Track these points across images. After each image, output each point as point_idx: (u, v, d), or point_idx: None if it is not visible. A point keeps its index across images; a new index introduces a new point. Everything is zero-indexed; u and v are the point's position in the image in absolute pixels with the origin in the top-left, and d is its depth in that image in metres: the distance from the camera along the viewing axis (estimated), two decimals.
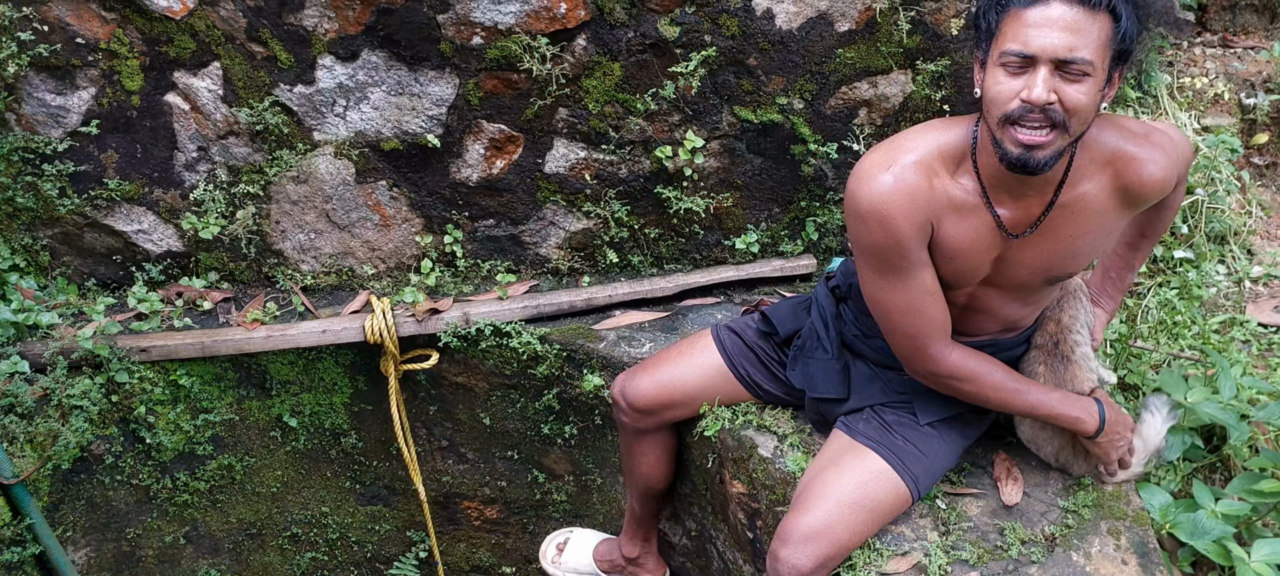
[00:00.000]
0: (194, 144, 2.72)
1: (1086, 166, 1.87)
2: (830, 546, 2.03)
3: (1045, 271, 1.99)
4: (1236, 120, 3.54)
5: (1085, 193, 1.89)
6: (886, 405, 2.22)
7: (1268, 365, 3.00)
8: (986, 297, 2.06)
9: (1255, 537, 2.47)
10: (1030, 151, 1.71)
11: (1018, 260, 1.96)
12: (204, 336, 2.82)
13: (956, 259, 1.94)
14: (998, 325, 2.15)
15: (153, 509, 3.10)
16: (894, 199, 1.83)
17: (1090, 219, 1.91)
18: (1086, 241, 1.94)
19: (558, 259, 2.98)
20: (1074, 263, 1.99)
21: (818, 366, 2.32)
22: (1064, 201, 1.89)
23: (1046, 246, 1.94)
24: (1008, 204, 1.89)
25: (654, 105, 2.68)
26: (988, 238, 1.92)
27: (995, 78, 1.71)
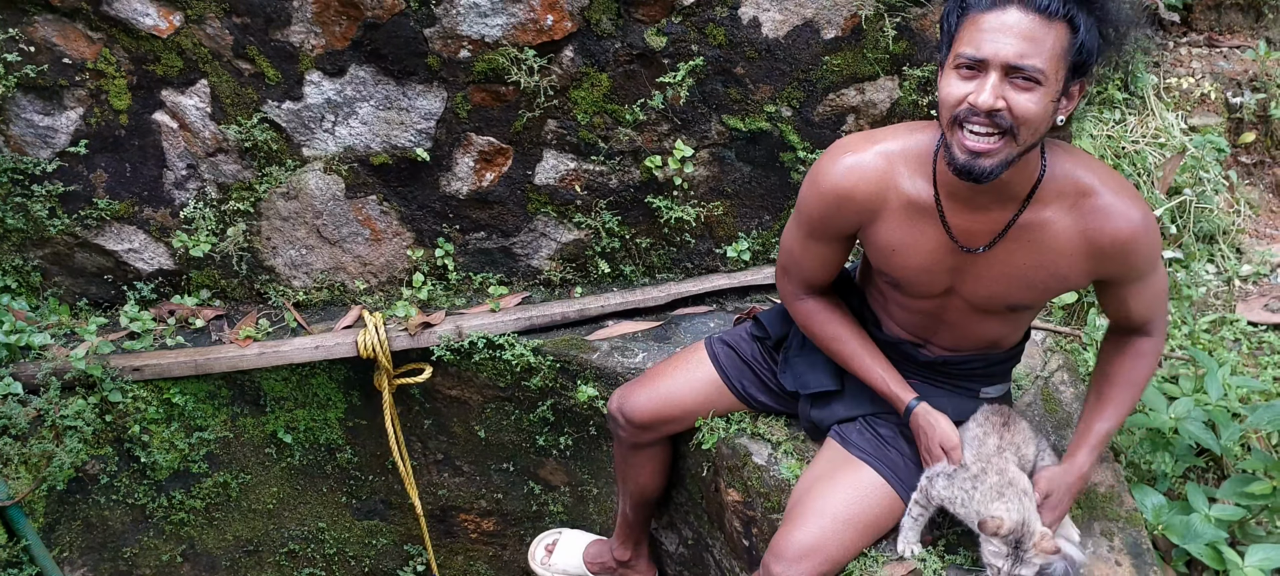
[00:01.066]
0: (183, 162, 2.72)
1: (1052, 195, 1.84)
2: (823, 563, 2.02)
3: (1003, 296, 1.97)
4: (1223, 119, 3.55)
5: (1047, 220, 1.85)
6: (877, 415, 2.21)
7: (1258, 364, 3.00)
8: (954, 312, 2.05)
9: (1249, 538, 2.47)
10: (975, 158, 1.69)
11: (976, 277, 1.95)
12: (197, 354, 2.82)
13: (898, 255, 1.96)
14: (975, 342, 2.13)
15: (149, 528, 3.09)
16: (845, 182, 1.92)
17: (1049, 253, 1.87)
18: (1043, 275, 1.90)
19: (550, 270, 2.98)
20: (1031, 293, 1.95)
21: (806, 364, 2.32)
22: (1024, 223, 1.86)
23: (1003, 269, 1.92)
24: (962, 215, 1.88)
25: (643, 115, 2.69)
26: (938, 246, 1.92)
27: (948, 80, 1.70)
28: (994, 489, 1.92)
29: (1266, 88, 3.58)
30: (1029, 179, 1.82)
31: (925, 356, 2.18)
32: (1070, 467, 2.00)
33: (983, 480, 1.94)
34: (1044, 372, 2.64)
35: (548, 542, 3.00)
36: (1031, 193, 1.83)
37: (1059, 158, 1.84)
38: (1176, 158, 3.31)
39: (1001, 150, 1.69)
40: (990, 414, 2.10)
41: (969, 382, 2.21)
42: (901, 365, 2.20)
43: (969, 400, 2.20)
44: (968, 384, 2.21)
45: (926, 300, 2.05)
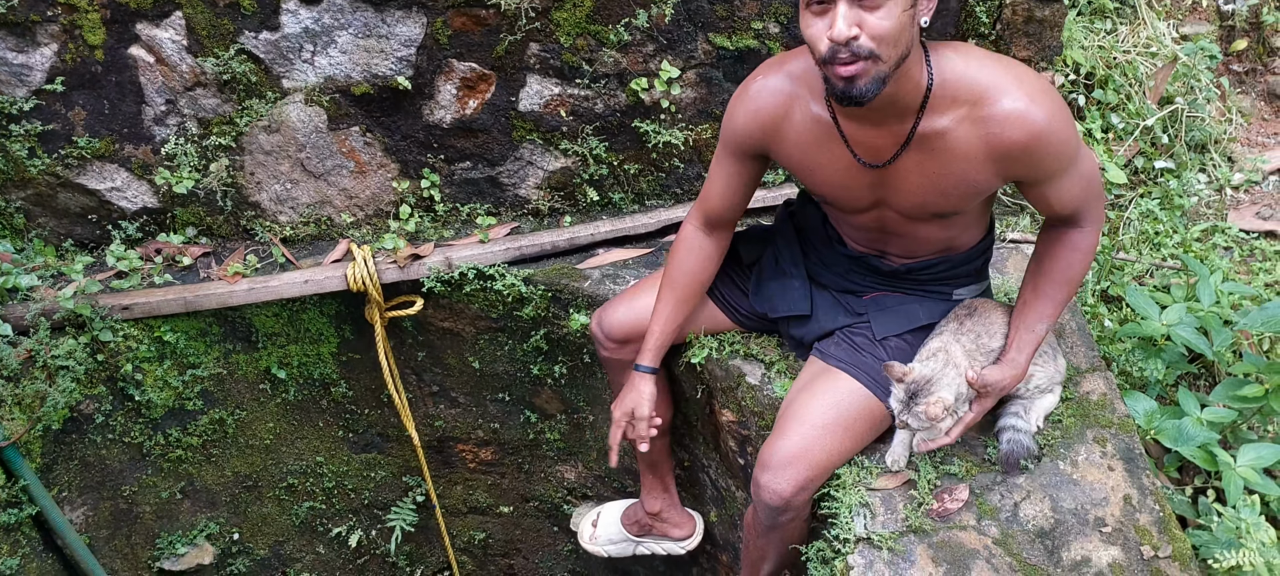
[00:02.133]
0: (162, 97, 2.68)
1: (946, 102, 1.83)
2: (809, 468, 2.06)
3: (924, 205, 1.99)
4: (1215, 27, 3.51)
5: (944, 128, 1.84)
6: (852, 328, 2.23)
7: (1249, 270, 3.01)
8: (891, 221, 2.09)
9: (1241, 441, 2.49)
10: (850, 84, 1.71)
11: (894, 188, 1.98)
12: (186, 292, 2.81)
13: (814, 173, 2.03)
14: (929, 247, 2.16)
15: (147, 465, 3.11)
16: (753, 102, 2.01)
17: (954, 160, 1.87)
18: (952, 182, 1.91)
19: (537, 199, 2.96)
20: (946, 200, 1.96)
21: (778, 287, 2.35)
22: (923, 133, 1.86)
23: (916, 180, 1.93)
24: (862, 131, 1.91)
25: (627, 36, 2.65)
26: (846, 164, 1.97)
27: (806, 21, 1.72)
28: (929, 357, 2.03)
29: None
30: (917, 88, 1.82)
31: (889, 266, 2.22)
32: (1005, 366, 2.03)
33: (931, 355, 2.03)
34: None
35: (592, 519, 3.03)
36: (924, 102, 1.83)
37: (949, 61, 1.83)
38: (1168, 67, 3.28)
39: (870, 70, 1.70)
40: (960, 307, 2.16)
41: (939, 286, 2.23)
42: (871, 278, 2.25)
43: (943, 303, 2.23)
44: (938, 287, 2.23)
45: (861, 214, 2.10)
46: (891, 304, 2.23)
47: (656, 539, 2.91)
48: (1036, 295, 2.05)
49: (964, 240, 2.16)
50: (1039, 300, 2.04)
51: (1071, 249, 2.02)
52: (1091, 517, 2.02)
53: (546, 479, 3.49)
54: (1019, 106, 1.78)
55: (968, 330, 2.08)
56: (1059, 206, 1.96)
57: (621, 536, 2.94)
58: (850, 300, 2.28)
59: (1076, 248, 2.02)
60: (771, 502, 2.07)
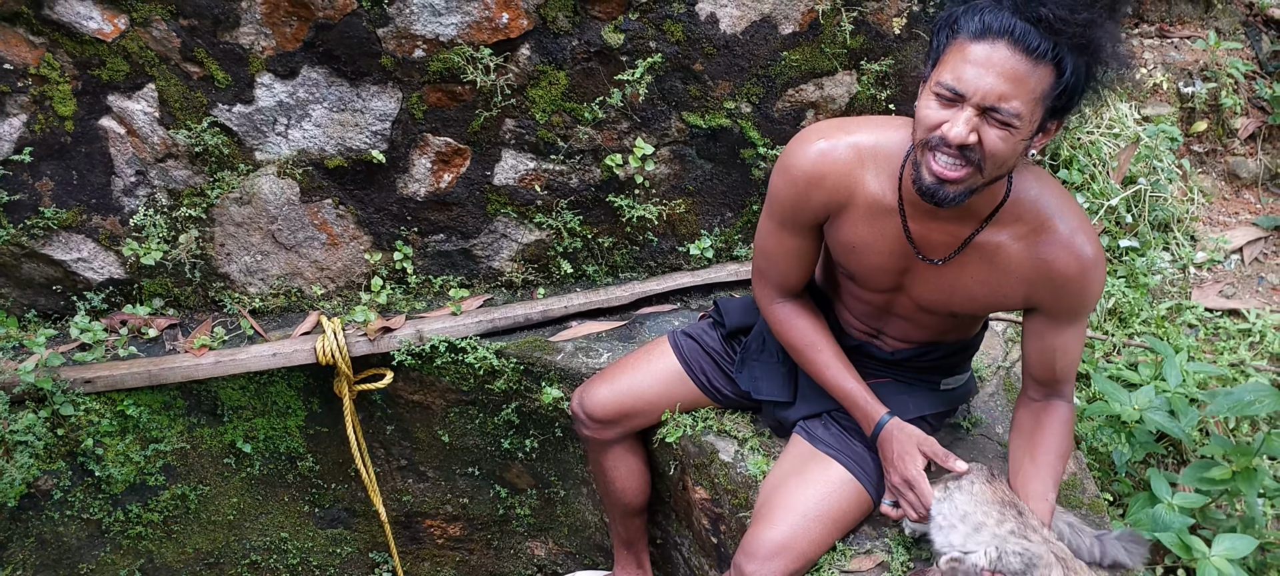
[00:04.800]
0: (132, 168, 2.66)
1: (1011, 218, 1.85)
2: (795, 560, 2.03)
3: (946, 304, 1.99)
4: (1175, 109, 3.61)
5: (1002, 243, 1.86)
6: (840, 412, 2.22)
7: (1214, 349, 3.05)
8: (901, 307, 2.08)
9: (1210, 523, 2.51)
10: (941, 184, 1.69)
11: (925, 281, 1.97)
12: (150, 364, 2.76)
13: (857, 253, 1.97)
14: (925, 335, 2.15)
15: (106, 543, 3.03)
16: (815, 168, 1.91)
17: (998, 272, 1.89)
18: (986, 291, 1.92)
19: (511, 271, 2.95)
20: (971, 306, 1.97)
21: (763, 369, 2.34)
22: (980, 242, 1.87)
23: (952, 280, 1.93)
24: (923, 223, 1.89)
25: (602, 113, 2.67)
26: (895, 247, 1.93)
27: (926, 102, 1.69)
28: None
29: (1217, 77, 3.64)
30: (992, 201, 1.83)
31: (883, 353, 2.21)
32: None
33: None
34: (1006, 363, 2.66)
35: None
36: (993, 213, 1.84)
37: (1026, 181, 1.84)
38: (1131, 148, 3.36)
39: (967, 180, 1.69)
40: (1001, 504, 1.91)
41: (929, 376, 2.22)
42: (864, 364, 2.22)
43: (930, 392, 2.22)
44: (928, 377, 2.23)
45: (877, 294, 2.08)
46: (884, 394, 2.18)
47: None
48: (1037, 470, 1.96)
49: (960, 334, 2.18)
50: (1041, 474, 1.95)
51: (1063, 425, 2.00)
52: None
53: (516, 555, 3.44)
54: (1077, 240, 1.82)
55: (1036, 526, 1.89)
56: (1061, 361, 1.96)
57: None
58: None
59: (1067, 422, 2.00)
60: None
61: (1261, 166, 3.62)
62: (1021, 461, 1.99)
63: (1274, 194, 3.60)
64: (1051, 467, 1.96)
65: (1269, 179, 3.62)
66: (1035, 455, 1.97)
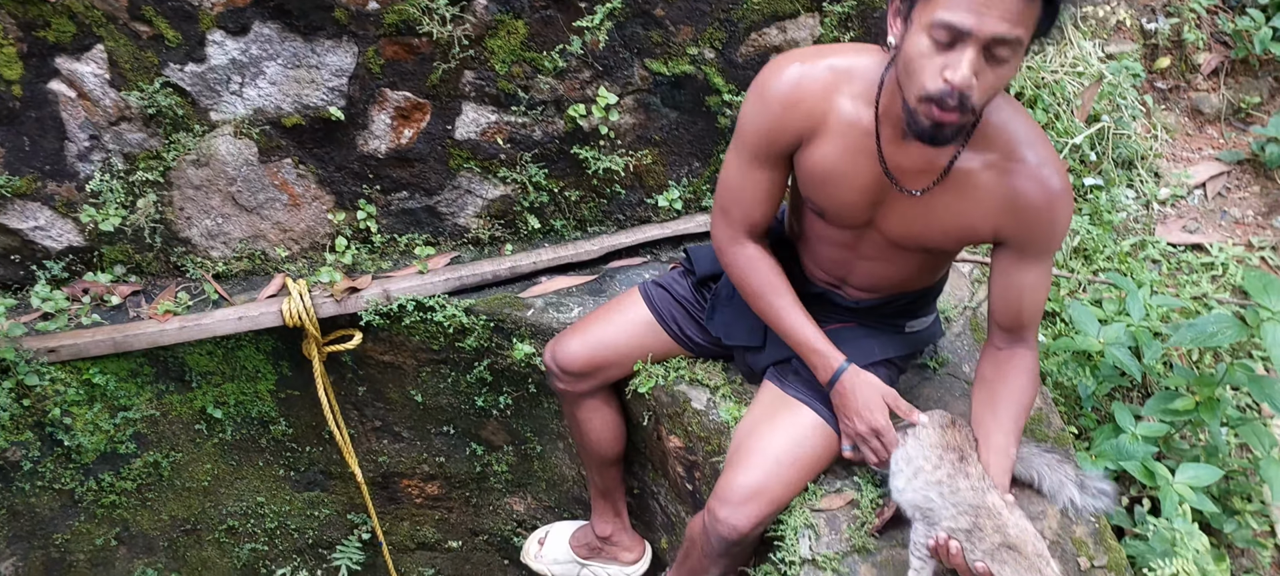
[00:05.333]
0: (85, 133, 2.61)
1: (984, 142, 1.82)
2: (768, 504, 2.06)
3: (918, 237, 1.96)
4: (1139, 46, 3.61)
5: (974, 171, 1.84)
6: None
7: (1177, 283, 3.08)
8: (870, 246, 2.05)
9: (1174, 453, 2.55)
10: (939, 128, 1.65)
11: (898, 214, 1.94)
12: (115, 332, 2.73)
13: (831, 183, 1.93)
14: (891, 281, 2.14)
15: (79, 512, 3.02)
16: (793, 91, 1.86)
17: (970, 203, 1.86)
18: (958, 223, 1.90)
19: (478, 228, 2.94)
20: (943, 239, 1.95)
21: (733, 315, 2.34)
22: (957, 170, 1.84)
23: (925, 211, 1.90)
24: (898, 149, 1.85)
25: (562, 62, 2.64)
26: (870, 178, 1.89)
27: (918, 45, 1.60)
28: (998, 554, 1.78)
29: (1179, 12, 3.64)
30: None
31: (846, 301, 2.21)
32: None
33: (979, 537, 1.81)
34: (972, 304, 2.68)
35: (540, 537, 2.99)
36: (966, 138, 1.83)
37: (997, 106, 1.81)
38: (1094, 85, 3.36)
39: (960, 121, 1.65)
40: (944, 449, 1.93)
41: (894, 319, 2.24)
42: (827, 313, 2.22)
43: (894, 335, 2.23)
44: (892, 320, 2.24)
45: (846, 232, 2.05)
46: (848, 337, 2.19)
47: (605, 563, 2.89)
48: (998, 422, 1.95)
49: (926, 279, 2.17)
50: (1002, 427, 1.95)
51: (1026, 374, 1.98)
52: None
53: (495, 512, 3.45)
54: (1045, 170, 1.80)
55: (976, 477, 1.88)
56: (1027, 303, 1.94)
57: (568, 558, 2.91)
58: None
59: (1031, 371, 1.99)
60: (728, 536, 2.06)
61: (1224, 101, 3.64)
62: (983, 414, 1.98)
63: (1236, 128, 3.62)
64: (1014, 419, 1.95)
65: (1231, 114, 3.64)
66: (996, 407, 1.96)
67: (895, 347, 2.23)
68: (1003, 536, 1.78)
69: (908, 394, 2.37)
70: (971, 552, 1.80)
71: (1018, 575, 1.74)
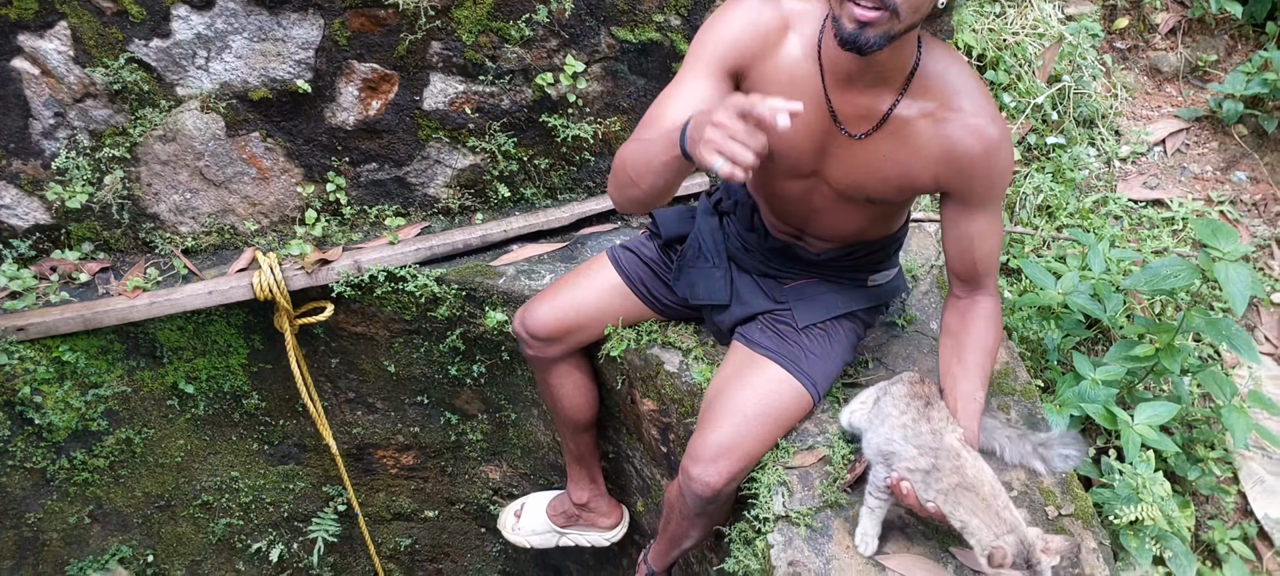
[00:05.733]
0: (49, 110, 2.59)
1: (923, 90, 1.87)
2: (740, 460, 2.09)
3: (861, 186, 2.00)
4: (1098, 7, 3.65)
5: (911, 117, 1.88)
6: (775, 315, 2.27)
7: (1138, 237, 3.14)
8: (819, 198, 2.08)
9: (1136, 400, 2.61)
10: (862, 28, 1.68)
11: (841, 162, 1.97)
12: (84, 309, 2.72)
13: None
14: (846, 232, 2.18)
15: (52, 491, 3.01)
16: (746, 16, 1.90)
17: (909, 151, 1.91)
18: (898, 171, 1.93)
19: (448, 198, 2.94)
20: (885, 188, 1.98)
21: (699, 274, 2.37)
22: (898, 116, 1.88)
23: (867, 158, 1.94)
24: (841, 91, 1.89)
25: (529, 31, 2.64)
26: (814, 121, 1.93)
27: None
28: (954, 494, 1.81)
29: None
30: (904, 66, 1.85)
31: (809, 254, 2.25)
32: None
33: (937, 477, 1.85)
34: (938, 262, 2.71)
35: (515, 509, 3.01)
36: (907, 82, 1.86)
37: (935, 53, 1.87)
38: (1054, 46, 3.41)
39: (884, 23, 1.68)
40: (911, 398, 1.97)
41: (855, 272, 2.28)
42: (793, 266, 2.28)
43: (858, 289, 2.28)
44: (854, 274, 2.28)
45: (796, 181, 2.08)
46: (811, 292, 2.26)
47: (582, 530, 2.92)
48: (965, 370, 2.00)
49: (881, 229, 2.20)
50: (968, 373, 1.99)
51: (988, 320, 2.03)
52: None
53: (471, 480, 3.48)
54: (980, 120, 1.84)
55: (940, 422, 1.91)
56: (980, 253, 1.98)
57: (546, 527, 2.94)
58: (771, 286, 2.31)
59: (992, 317, 2.03)
60: (702, 493, 2.09)
61: (1182, 60, 3.70)
62: (950, 364, 2.03)
63: (1194, 86, 3.68)
64: (979, 366, 1.99)
65: (1189, 72, 3.70)
66: (962, 355, 2.01)
67: (858, 300, 2.28)
68: (960, 476, 1.82)
69: (877, 351, 2.42)
70: (926, 492, 1.85)
71: (973, 513, 1.78)
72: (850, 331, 2.28)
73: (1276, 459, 2.75)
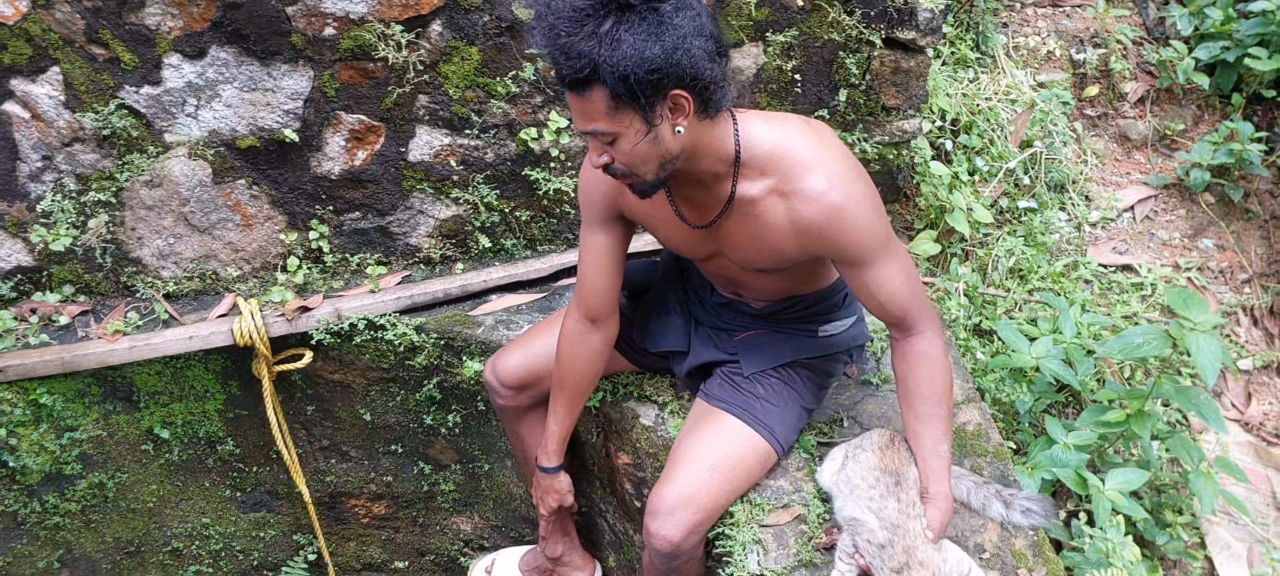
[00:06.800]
0: (37, 153, 2.60)
1: (752, 170, 1.93)
2: (697, 512, 2.10)
3: (748, 261, 2.08)
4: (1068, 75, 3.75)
5: (754, 197, 1.95)
6: (731, 368, 2.32)
7: (1108, 302, 3.20)
8: (732, 270, 2.19)
9: (1107, 465, 2.64)
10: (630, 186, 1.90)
11: (722, 243, 2.09)
12: (63, 352, 2.71)
13: (657, 230, 2.16)
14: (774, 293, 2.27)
15: (22, 534, 2.97)
16: (591, 175, 2.11)
17: (763, 227, 1.97)
18: (763, 246, 2.01)
19: (429, 247, 2.97)
20: (765, 260, 2.05)
21: (659, 325, 2.43)
22: (739, 198, 1.96)
23: (736, 239, 2.04)
24: (687, 198, 2.04)
25: (515, 88, 2.70)
26: (676, 222, 2.09)
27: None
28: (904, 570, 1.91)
29: (1107, 43, 3.79)
30: (722, 160, 1.92)
31: (750, 309, 2.32)
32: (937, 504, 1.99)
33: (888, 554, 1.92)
34: None
35: (486, 564, 2.99)
36: (736, 167, 1.93)
37: (757, 129, 1.92)
38: (1026, 112, 3.49)
39: (637, 179, 1.87)
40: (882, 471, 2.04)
41: (804, 325, 2.32)
42: (738, 320, 2.35)
43: (808, 338, 2.32)
44: (804, 326, 2.32)
45: (705, 263, 2.22)
46: (759, 342, 2.31)
47: None
48: (920, 421, 2.03)
49: (809, 285, 2.26)
50: (925, 425, 2.02)
51: (925, 362, 2.03)
52: (970, 544, 2.10)
53: (442, 531, 3.46)
54: (819, 186, 1.88)
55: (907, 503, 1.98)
56: (887, 300, 2.00)
57: None
58: (723, 338, 2.36)
59: (929, 357, 2.03)
60: (662, 548, 2.10)
61: (1150, 128, 3.79)
62: (908, 417, 2.07)
63: (1162, 154, 3.77)
64: (934, 414, 2.02)
65: (1157, 139, 3.80)
66: (914, 404, 2.04)
67: (808, 349, 2.31)
68: (908, 557, 1.90)
69: (851, 410, 2.45)
70: (881, 569, 1.92)
71: None
72: (807, 380, 2.31)
73: (1243, 525, 2.79)
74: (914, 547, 1.91)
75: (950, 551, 1.98)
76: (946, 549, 1.97)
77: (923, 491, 2.00)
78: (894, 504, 1.97)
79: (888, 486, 1.99)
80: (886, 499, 1.97)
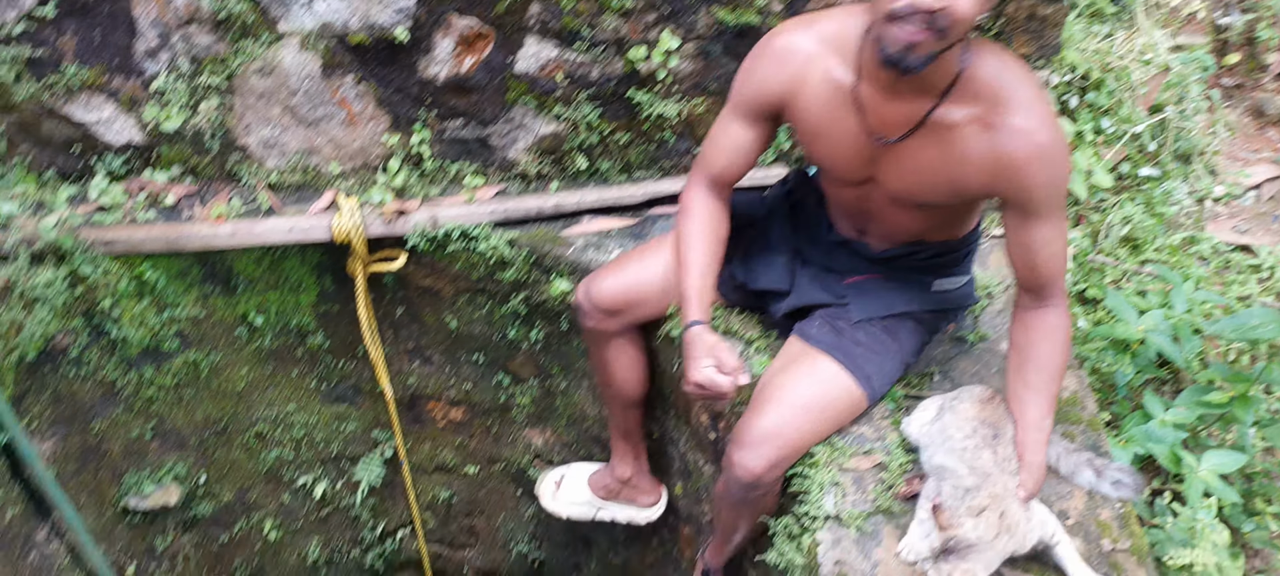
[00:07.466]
0: (155, 31, 2.64)
1: (969, 95, 1.85)
2: (782, 448, 2.08)
3: (912, 192, 2.00)
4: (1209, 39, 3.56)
5: (955, 122, 1.87)
6: (833, 311, 2.26)
7: (1223, 282, 3.06)
8: (876, 202, 2.11)
9: (1201, 447, 2.56)
10: (908, 51, 1.72)
11: (889, 168, 2.00)
12: (169, 230, 2.78)
13: (820, 140, 2.04)
14: (905, 233, 2.18)
15: (118, 403, 3.09)
16: (773, 62, 2.03)
17: (953, 157, 1.89)
18: (944, 177, 1.93)
19: (526, 163, 2.95)
20: (933, 193, 1.98)
21: (762, 261, 2.38)
22: (936, 121, 1.88)
23: (912, 164, 1.95)
24: (880, 105, 1.92)
25: (630, 2, 2.64)
26: (853, 133, 1.98)
27: None
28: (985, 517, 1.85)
29: (1256, 8, 3.58)
30: (947, 75, 1.84)
31: (870, 251, 2.25)
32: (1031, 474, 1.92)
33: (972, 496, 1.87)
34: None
35: (556, 477, 3.03)
36: (949, 88, 1.85)
37: (985, 58, 1.85)
38: (1160, 76, 3.33)
39: (931, 45, 1.71)
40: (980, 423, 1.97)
41: (919, 275, 2.26)
42: (853, 263, 2.28)
43: (921, 291, 2.25)
44: (918, 276, 2.25)
45: (850, 188, 2.12)
46: (871, 288, 2.25)
47: (622, 504, 2.93)
48: (1030, 390, 1.97)
49: (943, 233, 2.19)
50: (1034, 394, 1.97)
51: (1052, 335, 1.98)
52: (1056, 509, 2.05)
53: (514, 442, 3.51)
54: (1031, 124, 1.82)
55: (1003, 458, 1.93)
56: (1041, 262, 1.94)
57: (586, 499, 2.95)
58: (831, 281, 2.30)
59: (1057, 331, 1.98)
60: (743, 478, 2.09)
61: None
62: (1015, 385, 2.01)
63: None
64: (1045, 387, 1.96)
65: None
66: (1027, 374, 1.99)
67: (920, 302, 2.26)
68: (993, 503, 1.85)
69: (944, 365, 2.38)
70: (958, 507, 1.86)
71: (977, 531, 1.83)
72: (912, 333, 2.26)
73: None
74: (1002, 497, 1.86)
75: (1037, 510, 1.93)
76: (1033, 506, 1.93)
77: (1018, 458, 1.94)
78: (990, 455, 1.91)
79: (985, 437, 1.94)
80: (982, 449, 1.92)
